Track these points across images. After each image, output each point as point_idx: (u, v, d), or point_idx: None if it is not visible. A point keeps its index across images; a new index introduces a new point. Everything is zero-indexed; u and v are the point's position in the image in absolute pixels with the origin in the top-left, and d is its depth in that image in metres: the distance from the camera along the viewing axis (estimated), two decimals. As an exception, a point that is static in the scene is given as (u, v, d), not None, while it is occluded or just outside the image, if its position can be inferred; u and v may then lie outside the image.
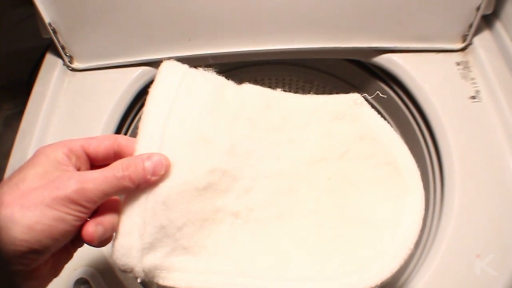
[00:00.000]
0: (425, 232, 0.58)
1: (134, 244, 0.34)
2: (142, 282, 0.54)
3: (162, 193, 0.35)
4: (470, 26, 0.63)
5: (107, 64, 0.67)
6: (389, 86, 0.72)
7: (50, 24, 0.62)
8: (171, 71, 0.41)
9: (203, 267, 0.37)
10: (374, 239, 0.39)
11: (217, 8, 0.61)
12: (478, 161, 0.56)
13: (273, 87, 0.46)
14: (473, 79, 0.63)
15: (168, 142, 0.36)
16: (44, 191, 0.30)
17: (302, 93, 0.46)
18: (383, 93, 0.44)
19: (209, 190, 0.38)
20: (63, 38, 0.64)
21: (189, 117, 0.38)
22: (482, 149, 0.57)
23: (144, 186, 0.34)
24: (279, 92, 0.46)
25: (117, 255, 0.34)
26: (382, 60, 0.67)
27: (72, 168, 0.33)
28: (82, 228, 0.32)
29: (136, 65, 0.67)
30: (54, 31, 0.63)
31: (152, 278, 0.36)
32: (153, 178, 0.34)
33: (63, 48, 0.65)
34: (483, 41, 0.66)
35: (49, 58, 0.70)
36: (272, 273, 0.37)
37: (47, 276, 0.33)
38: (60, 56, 0.67)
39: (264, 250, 0.39)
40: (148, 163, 0.34)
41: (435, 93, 0.62)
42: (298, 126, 0.45)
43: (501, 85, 0.61)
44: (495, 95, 0.60)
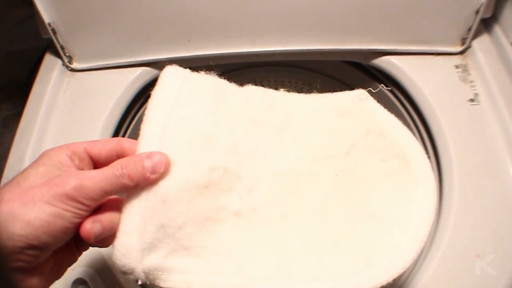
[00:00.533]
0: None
1: (134, 244, 0.34)
2: (142, 284, 0.54)
3: (162, 191, 0.35)
4: (469, 29, 0.63)
5: (107, 65, 0.67)
6: (388, 89, 0.72)
7: (49, 24, 0.62)
8: (172, 74, 0.41)
9: (204, 268, 0.37)
10: (384, 234, 0.37)
11: (217, 9, 0.61)
12: (477, 164, 0.56)
13: (273, 89, 0.46)
14: (472, 82, 0.63)
15: (168, 142, 0.36)
16: (43, 188, 0.30)
17: (303, 94, 0.46)
18: (381, 94, 0.44)
19: (210, 189, 0.38)
20: (62, 38, 0.64)
21: (190, 117, 0.39)
22: (480, 152, 0.57)
23: (144, 185, 0.34)
24: (281, 92, 0.46)
25: (117, 255, 0.34)
26: (381, 62, 0.67)
27: (75, 169, 0.34)
28: (80, 225, 0.32)
29: (135, 65, 0.67)
30: (54, 31, 0.63)
31: (153, 280, 0.35)
32: (153, 176, 0.34)
33: (62, 48, 0.65)
34: (482, 44, 0.66)
35: (48, 58, 0.70)
36: (276, 273, 0.36)
37: (48, 276, 0.33)
38: (59, 56, 0.67)
39: (268, 250, 0.38)
40: (147, 161, 0.34)
41: (434, 95, 0.62)
42: (301, 124, 0.44)
43: (500, 88, 0.61)
44: (493, 98, 0.60)
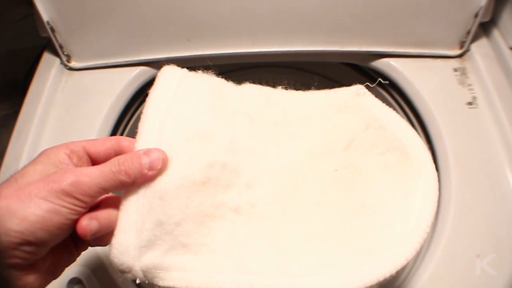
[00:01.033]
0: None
1: (131, 241, 0.33)
2: (138, 284, 0.54)
3: (159, 188, 0.35)
4: (468, 33, 0.64)
5: (105, 64, 0.67)
6: (386, 91, 0.72)
7: (48, 23, 0.62)
8: (170, 73, 0.41)
9: (203, 266, 0.36)
10: (386, 226, 0.37)
11: (216, 9, 0.61)
12: (474, 166, 0.56)
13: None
14: (470, 85, 0.63)
15: (166, 139, 0.36)
16: (40, 184, 0.30)
17: (301, 94, 0.46)
18: (379, 96, 0.45)
19: (208, 185, 0.38)
20: (61, 36, 0.64)
21: (187, 114, 0.39)
22: (478, 154, 0.57)
23: (141, 181, 0.34)
24: (279, 90, 0.46)
25: (114, 253, 0.33)
26: (380, 64, 0.67)
27: (73, 167, 0.34)
28: (77, 222, 0.32)
29: (134, 64, 0.67)
30: (52, 30, 0.63)
31: (151, 279, 0.35)
32: (150, 173, 0.34)
33: (61, 47, 0.65)
34: (480, 48, 0.66)
35: (47, 57, 0.70)
36: (277, 269, 0.36)
37: (46, 275, 0.33)
38: (57, 55, 0.67)
39: (267, 246, 0.38)
40: (144, 157, 0.34)
41: (432, 98, 0.62)
42: (300, 121, 0.45)
43: (498, 91, 0.61)
44: (491, 102, 0.61)
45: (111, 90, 0.65)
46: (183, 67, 0.42)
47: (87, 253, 0.51)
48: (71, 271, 0.50)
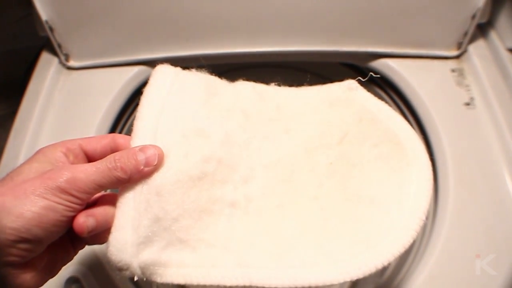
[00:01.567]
0: (418, 235, 0.58)
1: (129, 238, 0.33)
2: (135, 282, 0.53)
3: (156, 184, 0.35)
4: (465, 34, 0.64)
5: (104, 63, 0.67)
6: (384, 91, 0.72)
7: (47, 22, 0.62)
8: (164, 72, 0.41)
9: (202, 261, 0.36)
10: (382, 215, 0.37)
11: (215, 8, 0.61)
12: (472, 166, 0.56)
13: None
14: (467, 86, 0.63)
15: (161, 135, 0.37)
16: (36, 181, 0.30)
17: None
18: (378, 96, 0.45)
19: (205, 181, 0.38)
20: (59, 36, 0.64)
21: (182, 111, 0.39)
22: (475, 155, 0.57)
23: (138, 178, 0.34)
24: (272, 86, 0.46)
25: (112, 250, 0.33)
26: (378, 65, 0.67)
27: (69, 164, 0.34)
28: (74, 219, 0.32)
29: (132, 64, 0.67)
30: (51, 29, 0.63)
31: (149, 276, 0.35)
32: (146, 169, 0.34)
33: (59, 46, 0.65)
34: (477, 49, 0.67)
35: (45, 56, 0.70)
36: (276, 262, 0.36)
37: (42, 273, 0.33)
38: (56, 54, 0.67)
39: (265, 239, 0.38)
40: (140, 154, 0.34)
41: (430, 99, 0.62)
42: (293, 116, 0.45)
43: (495, 92, 0.61)
44: (489, 102, 0.61)
45: (109, 89, 0.65)
46: (181, 67, 0.43)
47: (85, 251, 0.51)
48: (69, 270, 0.50)
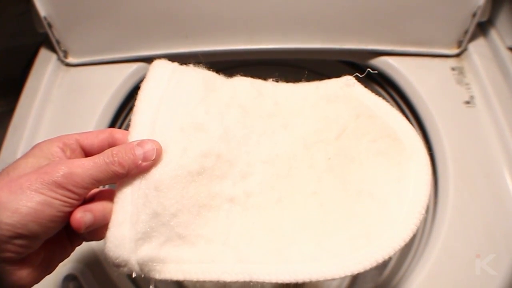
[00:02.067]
0: (418, 234, 0.58)
1: (127, 234, 0.33)
2: (133, 279, 0.53)
3: (154, 178, 0.34)
4: (466, 32, 0.64)
5: (102, 60, 0.66)
6: (384, 89, 0.72)
7: (45, 18, 0.62)
8: (162, 67, 0.41)
9: (201, 257, 0.36)
10: (382, 210, 0.37)
11: (215, 5, 0.61)
12: (472, 165, 0.56)
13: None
14: (467, 84, 0.63)
15: (159, 130, 0.36)
16: (32, 176, 0.30)
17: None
18: (378, 94, 0.45)
19: (203, 176, 0.37)
20: (58, 32, 0.64)
21: (180, 106, 0.39)
22: (475, 153, 0.57)
23: (135, 173, 0.34)
24: (270, 82, 0.46)
25: (110, 246, 0.33)
26: (378, 62, 0.67)
27: (65, 159, 0.33)
28: (71, 214, 0.31)
29: (131, 61, 0.67)
30: (50, 25, 0.63)
31: (148, 272, 0.34)
32: (144, 164, 0.34)
33: (58, 42, 0.65)
34: (478, 47, 0.67)
35: (43, 53, 0.69)
36: (276, 257, 0.36)
37: (39, 270, 0.32)
38: (54, 50, 0.67)
39: (265, 235, 0.38)
40: (138, 148, 0.34)
41: (430, 97, 0.62)
42: (291, 112, 0.45)
43: (495, 90, 0.61)
44: (489, 101, 0.61)
45: (108, 86, 0.65)
46: (181, 63, 0.42)
47: (82, 249, 0.51)
48: (67, 267, 0.50)
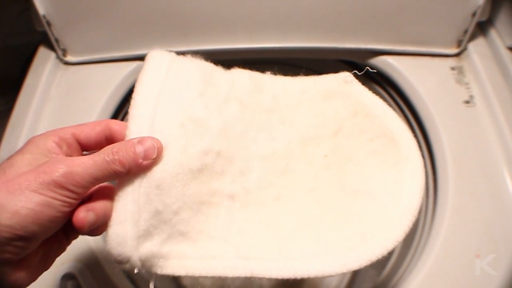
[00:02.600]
0: (417, 233, 0.58)
1: (129, 232, 0.33)
2: (131, 278, 0.53)
3: (156, 177, 0.34)
4: (465, 31, 0.64)
5: (101, 58, 0.66)
6: (383, 88, 0.72)
7: (44, 16, 0.62)
8: (159, 57, 0.40)
9: (202, 253, 0.36)
10: (377, 210, 0.38)
11: (214, 4, 0.61)
12: (472, 165, 0.56)
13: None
14: (467, 83, 0.63)
15: (159, 126, 0.36)
16: (30, 175, 0.29)
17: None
18: (377, 94, 0.45)
19: (204, 173, 0.37)
20: (57, 30, 0.63)
21: (179, 100, 0.38)
22: (475, 152, 0.57)
23: (136, 171, 0.33)
24: (268, 75, 0.46)
25: (111, 244, 0.33)
26: (377, 62, 0.67)
27: (62, 156, 0.33)
28: (73, 214, 0.31)
29: (130, 59, 0.66)
30: (48, 24, 0.62)
31: (149, 268, 0.34)
32: (145, 162, 0.33)
33: (56, 41, 0.65)
34: (477, 47, 0.67)
35: (42, 51, 0.69)
36: (275, 253, 0.36)
37: (36, 268, 0.32)
38: (53, 49, 0.66)
39: (264, 231, 0.38)
40: (139, 146, 0.33)
41: (429, 96, 0.62)
42: (289, 106, 0.45)
43: (495, 90, 0.61)
44: (488, 100, 0.61)
45: (107, 85, 0.64)
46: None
47: (80, 248, 0.51)
48: (64, 266, 0.49)
